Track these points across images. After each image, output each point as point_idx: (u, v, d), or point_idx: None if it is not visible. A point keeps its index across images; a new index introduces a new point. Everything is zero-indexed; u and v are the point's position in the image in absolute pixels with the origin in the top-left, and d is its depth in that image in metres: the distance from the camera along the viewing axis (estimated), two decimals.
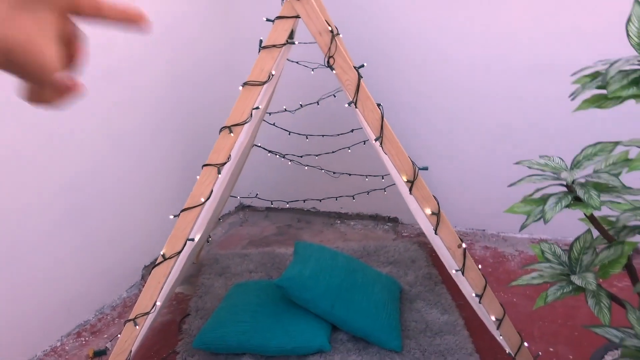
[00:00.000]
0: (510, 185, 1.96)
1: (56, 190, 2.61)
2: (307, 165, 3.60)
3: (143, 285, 3.17)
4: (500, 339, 2.07)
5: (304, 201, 3.92)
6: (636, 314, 1.76)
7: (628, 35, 1.57)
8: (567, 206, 1.86)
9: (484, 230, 3.70)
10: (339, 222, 4.02)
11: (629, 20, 1.54)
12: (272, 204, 3.92)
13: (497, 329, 2.00)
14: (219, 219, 3.79)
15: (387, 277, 2.97)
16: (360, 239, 3.76)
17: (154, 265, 1.92)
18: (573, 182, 1.80)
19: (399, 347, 2.47)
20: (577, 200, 1.83)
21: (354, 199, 3.72)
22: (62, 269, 2.68)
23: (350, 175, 3.60)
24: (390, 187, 3.60)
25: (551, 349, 2.50)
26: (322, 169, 3.61)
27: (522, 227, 1.93)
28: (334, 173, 3.61)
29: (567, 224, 2.89)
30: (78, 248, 2.77)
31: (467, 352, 2.46)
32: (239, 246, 3.77)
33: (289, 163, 3.64)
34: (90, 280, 2.86)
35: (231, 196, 3.44)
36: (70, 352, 2.64)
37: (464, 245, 1.92)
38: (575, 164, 1.92)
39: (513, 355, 2.06)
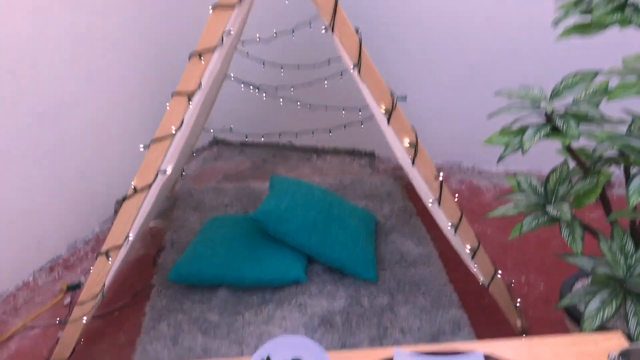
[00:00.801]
0: (490, 116, 1.93)
1: (24, 123, 2.50)
2: (282, 98, 3.51)
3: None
4: (474, 269, 2.09)
5: (280, 135, 3.86)
6: (608, 243, 1.79)
7: None
8: (546, 136, 1.84)
9: (459, 163, 3.71)
10: (315, 156, 3.98)
11: None
12: (246, 138, 3.84)
13: (472, 259, 2.02)
14: (193, 153, 3.71)
15: (363, 210, 2.97)
16: (336, 173, 3.73)
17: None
18: (552, 112, 1.77)
19: (374, 278, 2.50)
20: (556, 130, 1.81)
21: (330, 133, 3.66)
22: (32, 203, 2.61)
23: (326, 108, 3.53)
24: (368, 121, 3.55)
25: (523, 278, 2.55)
26: (297, 102, 3.53)
27: (500, 158, 1.91)
28: (310, 106, 3.53)
29: (543, 158, 2.90)
30: (48, 182, 2.69)
31: (441, 282, 2.50)
32: (213, 181, 3.72)
33: (264, 96, 3.55)
34: (61, 215, 2.80)
35: (205, 130, 3.35)
36: (43, 287, 2.61)
37: (441, 176, 1.90)
38: (555, 94, 1.88)
39: (487, 285, 2.09)
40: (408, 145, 1.84)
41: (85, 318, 1.95)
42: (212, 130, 3.68)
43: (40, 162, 2.62)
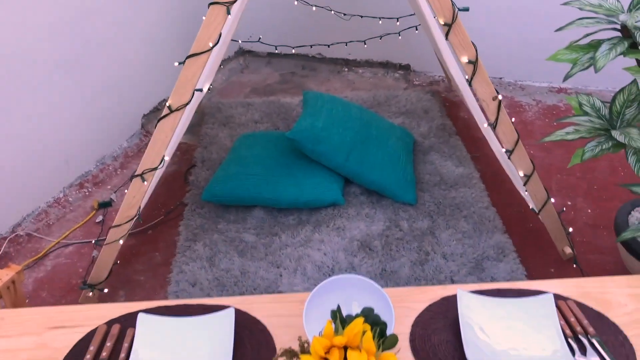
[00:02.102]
0: (558, 29, 1.74)
1: (47, 33, 2.35)
2: (315, 6, 3.27)
3: (143, 135, 3.04)
4: (525, 194, 1.98)
5: (311, 46, 3.64)
6: None
7: None
8: (622, 54, 1.66)
9: (500, 78, 3.49)
10: (346, 69, 3.78)
11: None
12: (276, 50, 3.64)
13: (524, 185, 1.90)
14: (220, 65, 3.54)
15: (400, 128, 2.83)
16: (369, 87, 3.55)
17: (158, 116, 1.74)
18: (633, 26, 1.58)
19: (413, 200, 2.40)
20: (635, 47, 1.63)
21: (365, 44, 3.44)
22: (58, 118, 2.51)
23: (362, 17, 3.29)
24: (405, 32, 3.31)
25: (569, 203, 2.44)
26: (331, 10, 3.29)
27: (567, 77, 1.74)
28: (345, 15, 3.29)
29: (595, 76, 2.70)
30: (74, 96, 2.57)
31: (483, 205, 2.40)
32: (241, 94, 3.57)
33: (295, 3, 3.31)
34: (88, 130, 2.70)
35: (232, 40, 3.16)
36: (74, 204, 2.57)
37: (499, 97, 1.74)
38: (636, 5, 1.68)
39: (537, 211, 1.99)
40: (467, 62, 1.67)
41: (121, 240, 1.90)
42: (239, 40, 3.48)
43: (66, 76, 2.49)
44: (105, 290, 2.01)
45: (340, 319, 0.82)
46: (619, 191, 2.46)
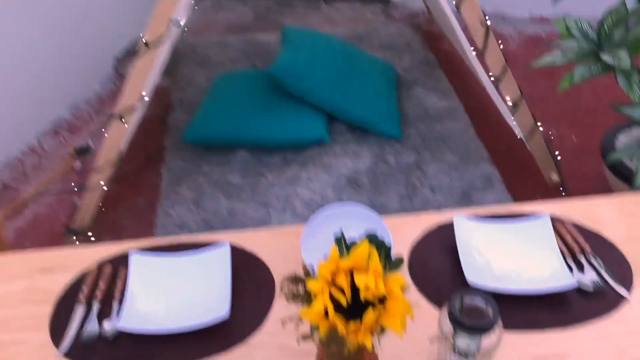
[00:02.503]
0: None
1: None
2: None
3: (116, 79, 2.92)
4: (513, 123, 1.96)
5: None
6: None
7: None
8: None
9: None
10: (323, 4, 3.66)
11: None
12: None
13: (513, 113, 1.88)
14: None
15: (383, 62, 2.77)
16: (348, 22, 3.45)
17: (132, 60, 1.66)
18: None
19: (398, 135, 2.38)
20: None
21: None
22: (28, 62, 2.39)
23: None
24: None
25: (554, 131, 2.44)
26: None
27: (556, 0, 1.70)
28: None
29: (576, 3, 2.65)
30: (41, 38, 2.44)
31: (468, 137, 2.39)
32: (215, 34, 3.45)
33: None
34: (58, 73, 2.58)
35: None
36: (50, 152, 2.48)
37: (488, 21, 1.69)
38: None
39: (525, 139, 1.97)
40: None
41: (103, 184, 1.84)
42: None
43: (30, 16, 2.35)
44: (91, 237, 1.97)
45: (344, 243, 0.79)
46: (602, 117, 2.46)
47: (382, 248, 0.80)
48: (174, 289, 1.05)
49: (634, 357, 0.90)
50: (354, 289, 0.74)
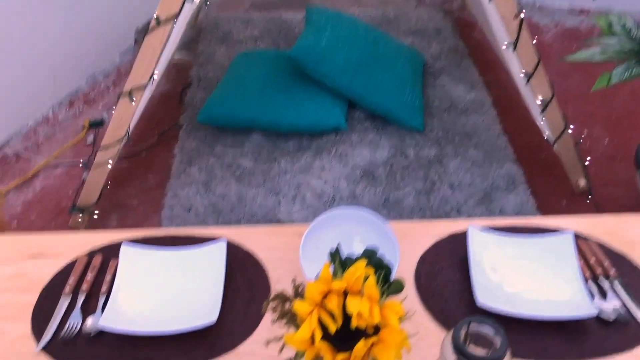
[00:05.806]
0: None
1: None
2: None
3: (137, 51, 2.86)
4: (541, 123, 1.85)
5: None
6: None
7: None
8: None
9: None
10: None
11: None
12: None
13: (542, 112, 1.77)
14: None
15: (410, 48, 2.65)
16: (377, 4, 3.33)
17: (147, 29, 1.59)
18: None
19: (420, 126, 2.28)
20: None
21: None
22: (47, 31, 2.34)
23: None
24: None
25: (586, 132, 2.31)
26: None
27: None
28: None
29: None
30: (63, 8, 2.39)
31: (494, 133, 2.28)
32: (240, 9, 3.36)
33: None
34: (78, 44, 2.53)
35: None
36: (64, 123, 2.45)
37: (522, 14, 1.58)
38: None
39: (552, 141, 1.86)
40: None
41: (110, 162, 1.79)
42: None
43: None
44: (96, 215, 1.93)
45: (339, 261, 0.72)
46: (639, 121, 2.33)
47: (381, 268, 0.73)
48: (164, 286, 0.99)
49: None
50: (346, 313, 0.67)
